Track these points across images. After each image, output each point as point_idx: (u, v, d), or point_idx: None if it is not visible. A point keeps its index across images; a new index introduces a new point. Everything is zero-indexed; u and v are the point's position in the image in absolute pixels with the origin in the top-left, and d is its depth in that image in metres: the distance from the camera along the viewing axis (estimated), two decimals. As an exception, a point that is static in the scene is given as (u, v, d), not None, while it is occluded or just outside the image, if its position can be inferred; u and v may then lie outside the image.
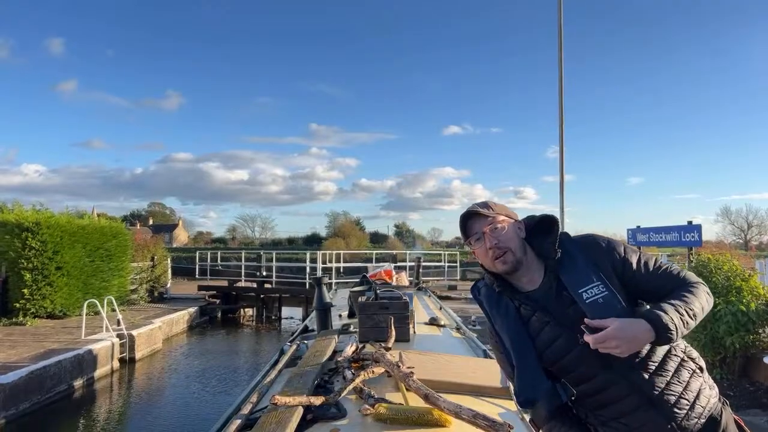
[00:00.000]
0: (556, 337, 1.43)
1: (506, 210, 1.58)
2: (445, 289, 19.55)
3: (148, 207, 71.67)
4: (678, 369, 1.42)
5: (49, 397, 7.72)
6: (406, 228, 55.04)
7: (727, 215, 51.31)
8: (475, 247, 1.54)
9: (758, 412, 5.53)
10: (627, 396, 1.40)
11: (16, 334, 10.21)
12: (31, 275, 11.51)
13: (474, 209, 1.54)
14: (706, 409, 1.43)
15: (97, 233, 13.61)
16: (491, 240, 1.49)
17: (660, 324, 1.30)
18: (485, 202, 1.58)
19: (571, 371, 1.43)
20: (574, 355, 1.41)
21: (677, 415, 1.39)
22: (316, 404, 1.69)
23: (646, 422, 1.40)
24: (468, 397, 1.95)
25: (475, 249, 1.54)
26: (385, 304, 2.97)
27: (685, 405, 1.40)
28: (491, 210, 1.54)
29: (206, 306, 16.62)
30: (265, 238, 62.34)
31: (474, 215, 1.53)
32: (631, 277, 1.46)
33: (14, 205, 13.30)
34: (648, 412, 1.39)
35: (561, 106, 11.53)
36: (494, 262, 1.50)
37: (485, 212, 1.52)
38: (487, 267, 1.55)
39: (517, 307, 1.51)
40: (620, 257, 1.48)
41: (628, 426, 1.42)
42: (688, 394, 1.41)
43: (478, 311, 6.76)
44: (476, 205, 1.56)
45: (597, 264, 1.46)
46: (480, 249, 1.52)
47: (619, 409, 1.41)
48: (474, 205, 1.57)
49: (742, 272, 7.00)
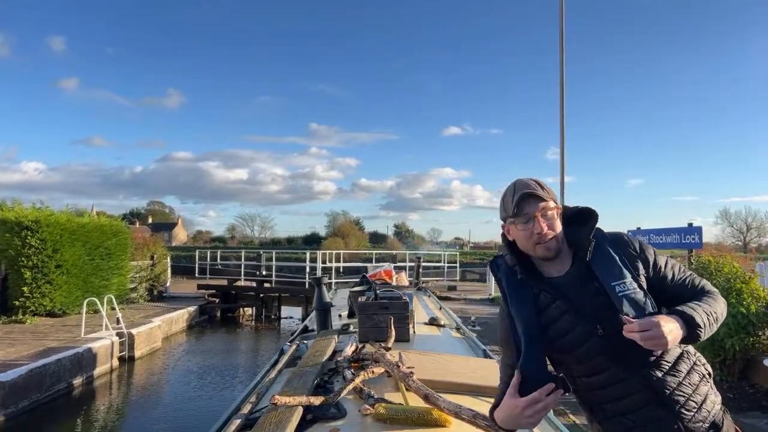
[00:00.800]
0: (574, 326, 1.42)
1: (554, 195, 1.53)
2: (445, 289, 19.55)
3: (147, 205, 71.76)
4: (690, 371, 1.43)
5: (49, 396, 7.71)
6: (406, 228, 55.08)
7: (727, 217, 51.32)
8: (518, 225, 1.48)
9: (758, 414, 5.53)
10: (637, 392, 1.40)
11: (16, 332, 10.21)
12: (31, 273, 11.50)
13: (533, 190, 1.45)
14: (711, 414, 1.43)
15: (96, 231, 13.60)
16: (542, 225, 1.45)
17: (693, 322, 1.32)
18: (539, 182, 1.50)
19: (584, 362, 1.43)
20: (589, 346, 1.41)
21: (684, 417, 1.39)
22: (316, 404, 1.68)
23: (652, 420, 1.40)
24: (468, 397, 1.94)
25: (517, 228, 1.49)
26: (385, 304, 2.96)
27: (693, 407, 1.40)
28: (547, 193, 1.47)
29: (206, 305, 16.62)
30: (264, 238, 62.36)
31: (529, 195, 1.45)
32: (658, 280, 1.47)
33: (14, 203, 13.31)
34: (656, 410, 1.39)
35: (562, 107, 11.53)
36: (537, 246, 1.46)
37: (542, 194, 1.45)
38: (525, 249, 1.50)
39: (537, 294, 1.49)
40: (650, 260, 1.49)
41: (633, 422, 1.41)
42: (697, 397, 1.41)
43: (478, 311, 6.81)
44: (533, 184, 1.47)
45: (628, 261, 1.47)
46: (525, 231, 1.46)
47: (627, 404, 1.41)
48: (530, 181, 1.48)
49: (743, 274, 7.00)
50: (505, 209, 1.51)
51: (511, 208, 1.47)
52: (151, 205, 72.47)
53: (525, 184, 1.48)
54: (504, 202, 1.52)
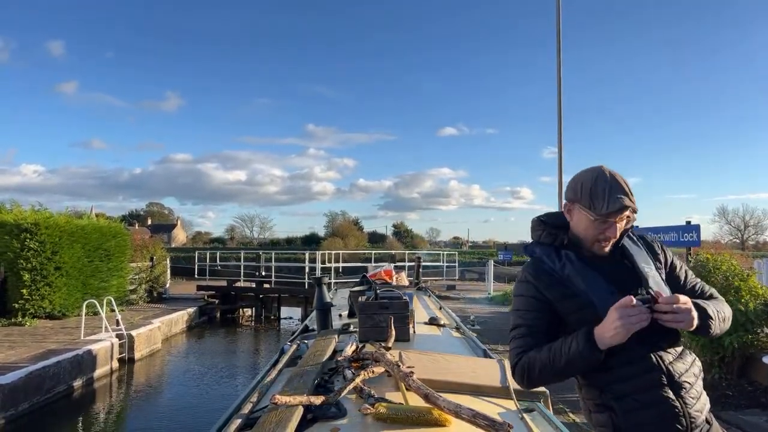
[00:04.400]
0: (610, 294, 1.49)
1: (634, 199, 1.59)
2: (444, 288, 19.57)
3: (146, 207, 71.69)
4: (692, 363, 1.54)
5: (49, 398, 7.71)
6: (405, 228, 55.04)
7: (724, 215, 51.44)
8: (594, 220, 1.51)
9: (757, 412, 5.54)
10: (649, 373, 1.47)
11: (15, 334, 10.19)
12: (30, 275, 11.49)
13: (630, 204, 1.49)
14: (705, 409, 1.51)
15: (96, 233, 13.59)
16: (617, 232, 1.54)
17: (706, 314, 1.46)
18: (629, 186, 1.54)
19: None
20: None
21: (688, 403, 1.46)
22: (317, 404, 1.69)
23: (659, 402, 1.45)
24: (468, 397, 1.95)
25: (590, 221, 1.52)
26: (385, 303, 2.97)
27: (695, 396, 1.49)
28: (633, 202, 1.53)
29: (205, 306, 16.61)
30: (263, 238, 62.34)
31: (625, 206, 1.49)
32: (672, 279, 1.62)
33: (13, 205, 13.28)
34: (666, 392, 1.45)
35: (559, 106, 11.55)
36: (597, 243, 1.55)
37: (632, 205, 1.51)
38: (582, 236, 1.56)
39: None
40: (668, 260, 1.66)
41: (641, 402, 1.46)
42: (698, 387, 1.51)
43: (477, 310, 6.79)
44: (629, 193, 1.51)
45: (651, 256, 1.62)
46: (597, 228, 1.52)
47: (639, 384, 1.46)
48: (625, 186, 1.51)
49: (741, 272, 7.01)
50: (588, 199, 1.51)
51: (601, 206, 1.49)
52: (150, 207, 72.43)
53: (621, 188, 1.51)
54: (585, 188, 1.53)
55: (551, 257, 1.60)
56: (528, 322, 1.57)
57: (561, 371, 1.49)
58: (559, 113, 11.51)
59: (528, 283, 1.61)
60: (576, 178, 1.61)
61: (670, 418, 1.44)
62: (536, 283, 1.58)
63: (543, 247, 1.64)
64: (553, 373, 1.50)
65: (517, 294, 1.65)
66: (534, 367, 1.51)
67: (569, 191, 1.61)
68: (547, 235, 1.65)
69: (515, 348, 1.58)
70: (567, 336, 1.49)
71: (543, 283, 1.57)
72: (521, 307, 1.61)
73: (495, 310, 14.73)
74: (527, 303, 1.59)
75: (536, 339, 1.55)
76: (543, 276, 1.58)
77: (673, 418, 1.44)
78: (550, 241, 1.64)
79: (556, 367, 1.48)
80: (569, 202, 1.60)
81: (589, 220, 1.53)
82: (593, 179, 1.53)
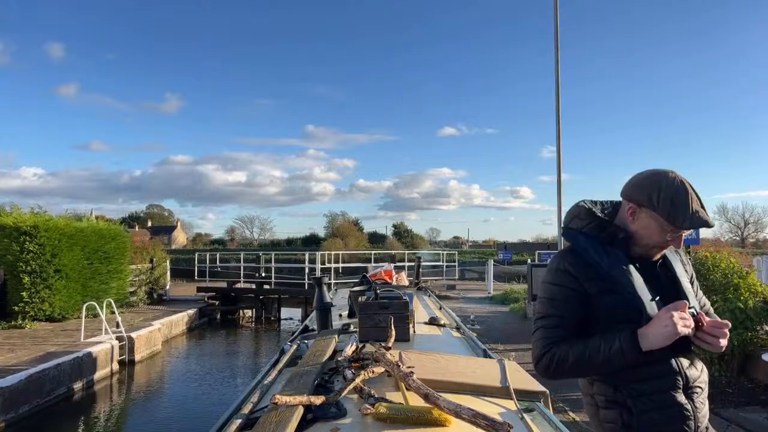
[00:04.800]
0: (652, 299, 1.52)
1: None
2: (444, 288, 19.58)
3: (146, 209, 71.62)
4: (702, 370, 1.60)
5: (49, 400, 7.71)
6: (405, 228, 54.99)
7: (724, 213, 51.44)
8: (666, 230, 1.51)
9: (757, 409, 5.55)
10: (669, 375, 1.50)
11: (15, 337, 10.19)
12: (30, 278, 11.49)
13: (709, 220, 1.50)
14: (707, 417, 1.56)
15: (95, 236, 13.60)
16: (680, 243, 1.58)
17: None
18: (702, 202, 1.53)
19: None
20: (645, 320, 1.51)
21: (698, 408, 1.51)
22: (317, 404, 1.69)
23: (675, 404, 1.48)
24: (468, 397, 1.95)
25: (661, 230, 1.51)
26: (385, 303, 2.96)
27: (703, 401, 1.54)
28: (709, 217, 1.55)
29: (205, 307, 16.61)
30: (263, 239, 62.31)
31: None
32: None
33: (12, 208, 13.28)
34: (681, 396, 1.49)
35: (558, 107, 11.55)
36: (655, 249, 1.58)
37: (711, 223, 1.54)
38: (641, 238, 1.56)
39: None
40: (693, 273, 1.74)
41: (657, 403, 1.48)
42: (705, 393, 1.57)
43: (477, 310, 6.78)
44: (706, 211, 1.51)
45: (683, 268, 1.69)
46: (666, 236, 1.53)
47: (658, 385, 1.49)
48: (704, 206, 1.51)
49: (740, 269, 7.02)
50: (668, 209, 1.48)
51: (681, 220, 1.47)
52: (150, 209, 72.37)
53: (700, 203, 1.50)
54: (665, 198, 1.48)
55: (597, 251, 1.56)
56: (562, 313, 1.55)
57: (595, 368, 1.50)
58: (557, 114, 11.52)
59: (567, 273, 1.57)
60: (650, 182, 1.52)
61: (682, 420, 1.48)
62: (577, 274, 1.55)
63: (588, 239, 1.59)
64: (586, 368, 1.51)
65: (552, 282, 1.59)
66: (566, 360, 1.50)
67: (640, 194, 1.53)
68: (595, 227, 1.61)
69: (544, 338, 1.55)
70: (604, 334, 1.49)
71: (584, 275, 1.54)
72: (557, 296, 1.57)
73: (495, 310, 14.73)
74: (564, 294, 1.56)
75: (567, 331, 1.54)
76: (584, 268, 1.55)
77: (683, 421, 1.48)
78: (595, 233, 1.59)
79: (592, 364, 1.48)
80: (636, 205, 1.54)
81: (660, 227, 1.51)
82: (674, 189, 1.48)
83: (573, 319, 1.55)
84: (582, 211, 1.65)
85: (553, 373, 1.55)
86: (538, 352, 1.57)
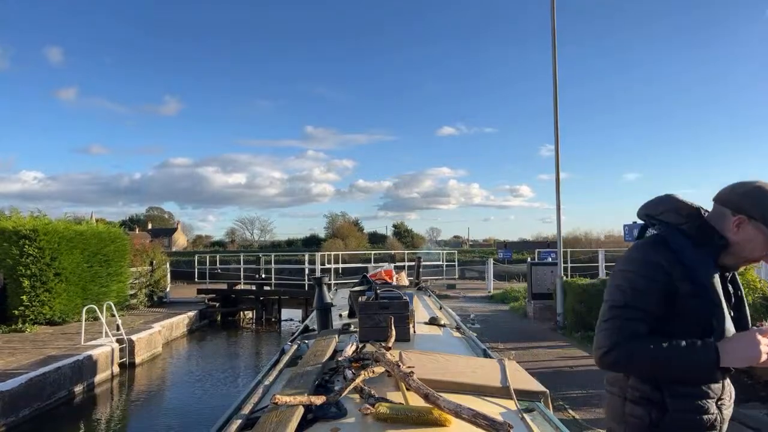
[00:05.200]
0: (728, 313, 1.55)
1: None
2: (444, 287, 19.59)
3: (146, 212, 71.61)
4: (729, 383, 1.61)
5: (49, 404, 7.70)
6: (405, 228, 54.97)
7: (724, 210, 51.31)
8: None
9: (757, 405, 5.56)
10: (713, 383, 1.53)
11: (16, 341, 10.19)
12: (30, 282, 11.49)
13: None
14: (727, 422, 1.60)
15: (94, 239, 13.59)
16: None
17: None
18: None
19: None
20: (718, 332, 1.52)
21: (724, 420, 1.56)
22: (317, 404, 1.69)
23: (708, 411, 1.51)
24: (468, 397, 1.95)
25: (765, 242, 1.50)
26: (385, 303, 2.97)
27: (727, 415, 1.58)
28: None
29: (206, 309, 16.60)
30: (264, 241, 62.29)
31: None
32: None
33: (12, 212, 13.30)
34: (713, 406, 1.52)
35: (555, 107, 11.56)
36: (749, 261, 1.61)
37: None
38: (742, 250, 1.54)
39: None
40: None
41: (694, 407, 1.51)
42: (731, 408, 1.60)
43: (477, 309, 6.79)
44: None
45: None
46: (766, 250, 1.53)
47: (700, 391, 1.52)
48: None
49: (740, 266, 7.02)
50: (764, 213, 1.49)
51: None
52: (151, 211, 72.35)
53: None
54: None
55: (695, 253, 1.52)
56: (645, 307, 1.49)
57: (667, 372, 1.48)
58: (555, 114, 11.53)
59: (660, 267, 1.50)
60: (761, 193, 1.50)
61: (709, 427, 1.51)
62: (671, 270, 1.50)
63: (685, 238, 1.54)
64: (658, 370, 1.48)
65: (639, 273, 1.52)
66: (643, 358, 1.46)
67: (754, 208, 1.49)
68: (696, 228, 1.55)
69: (621, 328, 1.49)
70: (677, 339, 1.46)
71: (677, 273, 1.50)
72: (643, 288, 1.50)
73: (495, 309, 14.74)
74: (651, 287, 1.49)
75: (646, 327, 1.49)
76: (677, 266, 1.50)
77: (710, 428, 1.52)
78: (693, 234, 1.55)
79: (669, 367, 1.46)
80: (747, 217, 1.50)
81: (765, 243, 1.49)
82: None
83: (653, 316, 1.50)
84: (683, 207, 1.59)
85: (622, 367, 1.52)
86: (610, 342, 1.49)
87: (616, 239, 26.75)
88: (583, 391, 6.29)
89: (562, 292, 11.11)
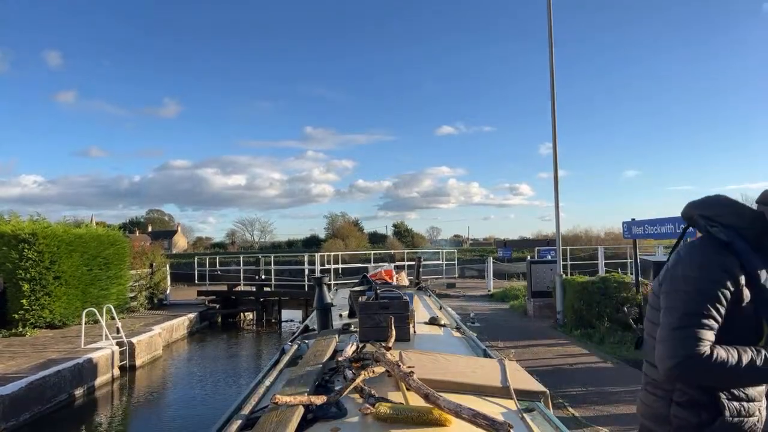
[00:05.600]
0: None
1: None
2: (444, 287, 19.59)
3: (146, 214, 71.54)
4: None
5: (50, 407, 7.70)
6: (405, 227, 54.96)
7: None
8: None
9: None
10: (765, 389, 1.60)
11: (16, 344, 10.19)
12: (29, 286, 11.48)
13: None
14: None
15: (94, 242, 13.59)
16: None
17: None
18: None
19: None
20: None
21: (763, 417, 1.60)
22: (317, 403, 1.69)
23: (756, 414, 1.57)
24: (468, 397, 1.95)
25: None
26: (385, 303, 2.97)
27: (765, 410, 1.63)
28: None
29: (206, 311, 16.60)
30: (264, 242, 62.28)
31: None
32: None
33: (11, 216, 13.28)
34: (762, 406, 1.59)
35: (553, 108, 11.57)
36: None
37: None
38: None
39: None
40: None
41: (746, 410, 1.54)
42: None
43: (477, 309, 6.78)
44: None
45: None
46: None
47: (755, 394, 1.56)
48: None
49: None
50: None
51: None
52: (151, 214, 72.28)
53: None
54: None
55: (759, 259, 1.49)
56: (714, 314, 1.44)
57: (739, 381, 1.49)
58: (552, 112, 11.53)
59: (730, 274, 1.45)
60: None
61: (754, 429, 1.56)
62: (738, 277, 1.46)
63: (744, 242, 1.49)
64: (731, 379, 1.47)
65: (713, 280, 1.45)
66: (722, 366, 1.41)
67: None
68: (755, 234, 1.51)
69: (701, 339, 1.42)
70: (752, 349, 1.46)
71: (743, 279, 1.46)
72: (712, 294, 1.44)
73: (495, 307, 14.74)
74: (722, 295, 1.44)
75: (714, 336, 1.44)
76: (741, 271, 1.46)
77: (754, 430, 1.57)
78: (750, 238, 1.50)
79: (741, 376, 1.45)
80: None
81: None
82: None
83: (719, 322, 1.45)
84: (744, 210, 1.55)
85: (698, 376, 1.46)
86: (683, 352, 1.42)
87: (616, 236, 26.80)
88: (583, 388, 6.28)
89: (561, 290, 11.12)
